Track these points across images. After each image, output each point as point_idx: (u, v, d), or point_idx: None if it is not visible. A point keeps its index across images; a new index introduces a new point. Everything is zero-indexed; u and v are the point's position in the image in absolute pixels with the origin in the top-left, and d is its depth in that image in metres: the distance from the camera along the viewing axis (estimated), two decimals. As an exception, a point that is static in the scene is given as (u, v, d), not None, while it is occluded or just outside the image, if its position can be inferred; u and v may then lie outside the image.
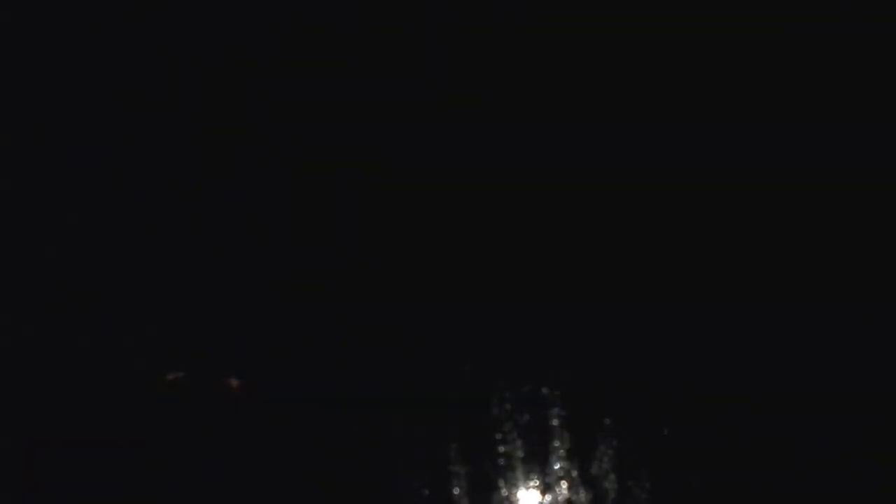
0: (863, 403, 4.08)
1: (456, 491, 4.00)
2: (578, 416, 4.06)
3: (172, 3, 4.29)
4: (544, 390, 4.07)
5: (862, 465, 4.02)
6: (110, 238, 4.24)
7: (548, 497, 4.02)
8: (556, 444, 4.04)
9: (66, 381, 4.08)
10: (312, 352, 4.16)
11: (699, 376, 4.07)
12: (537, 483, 4.04)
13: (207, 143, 4.28)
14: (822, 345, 4.10)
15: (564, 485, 4.03)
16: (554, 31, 4.29)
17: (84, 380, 4.08)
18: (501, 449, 4.05)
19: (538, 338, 4.11)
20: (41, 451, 4.02)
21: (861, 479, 4.02)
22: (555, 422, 4.06)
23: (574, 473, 4.02)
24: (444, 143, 4.27)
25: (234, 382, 4.11)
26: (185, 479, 4.02)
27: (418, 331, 4.14)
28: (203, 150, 4.28)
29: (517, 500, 4.05)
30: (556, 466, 4.03)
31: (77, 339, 4.11)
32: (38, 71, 4.28)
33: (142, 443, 4.03)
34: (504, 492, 4.02)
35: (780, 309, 4.15)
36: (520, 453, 4.04)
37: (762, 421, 4.03)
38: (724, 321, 4.11)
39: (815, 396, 4.08)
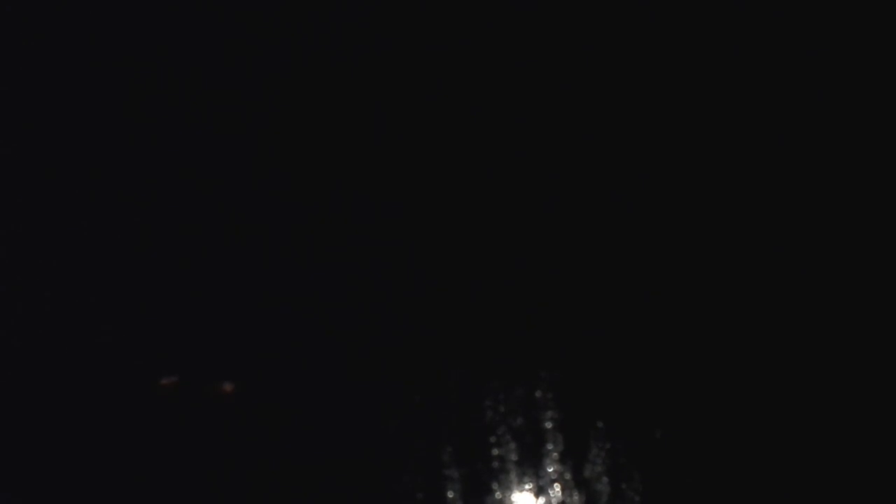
0: (863, 403, 4.07)
1: (451, 494, 4.01)
2: (571, 418, 4.07)
3: (172, 3, 4.30)
4: (537, 393, 4.08)
5: (862, 465, 4.02)
6: (110, 238, 4.26)
7: (541, 499, 4.03)
8: (550, 446, 4.05)
9: (64, 382, 4.11)
10: (310, 353, 4.17)
11: (691, 378, 4.07)
12: (531, 486, 4.05)
13: (208, 143, 4.29)
14: (821, 345, 4.10)
15: (558, 487, 4.04)
16: (554, 30, 4.29)
17: (82, 382, 4.10)
18: (495, 452, 4.06)
19: (531, 340, 4.12)
20: (40, 451, 4.05)
21: (861, 479, 4.02)
22: (548, 424, 4.07)
23: (567, 476, 4.03)
24: (443, 143, 4.28)
25: (230, 385, 4.12)
26: (184, 480, 4.05)
27: (415, 332, 4.15)
28: (203, 149, 4.29)
29: (511, 502, 4.07)
30: (550, 469, 4.04)
31: (74, 341, 4.13)
32: (38, 70, 4.30)
33: (140, 445, 4.06)
34: (498, 494, 4.03)
35: (777, 309, 4.15)
36: (513, 456, 4.05)
37: (757, 422, 4.04)
38: (717, 322, 4.11)
39: (815, 397, 4.08)
